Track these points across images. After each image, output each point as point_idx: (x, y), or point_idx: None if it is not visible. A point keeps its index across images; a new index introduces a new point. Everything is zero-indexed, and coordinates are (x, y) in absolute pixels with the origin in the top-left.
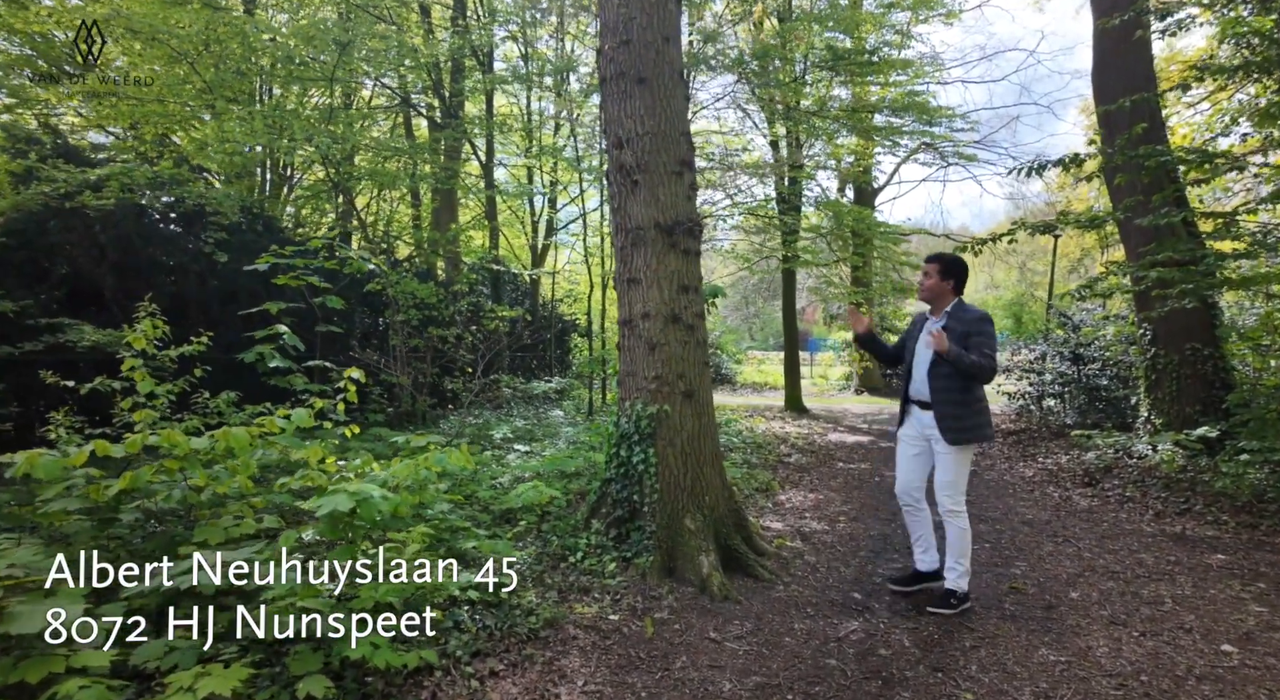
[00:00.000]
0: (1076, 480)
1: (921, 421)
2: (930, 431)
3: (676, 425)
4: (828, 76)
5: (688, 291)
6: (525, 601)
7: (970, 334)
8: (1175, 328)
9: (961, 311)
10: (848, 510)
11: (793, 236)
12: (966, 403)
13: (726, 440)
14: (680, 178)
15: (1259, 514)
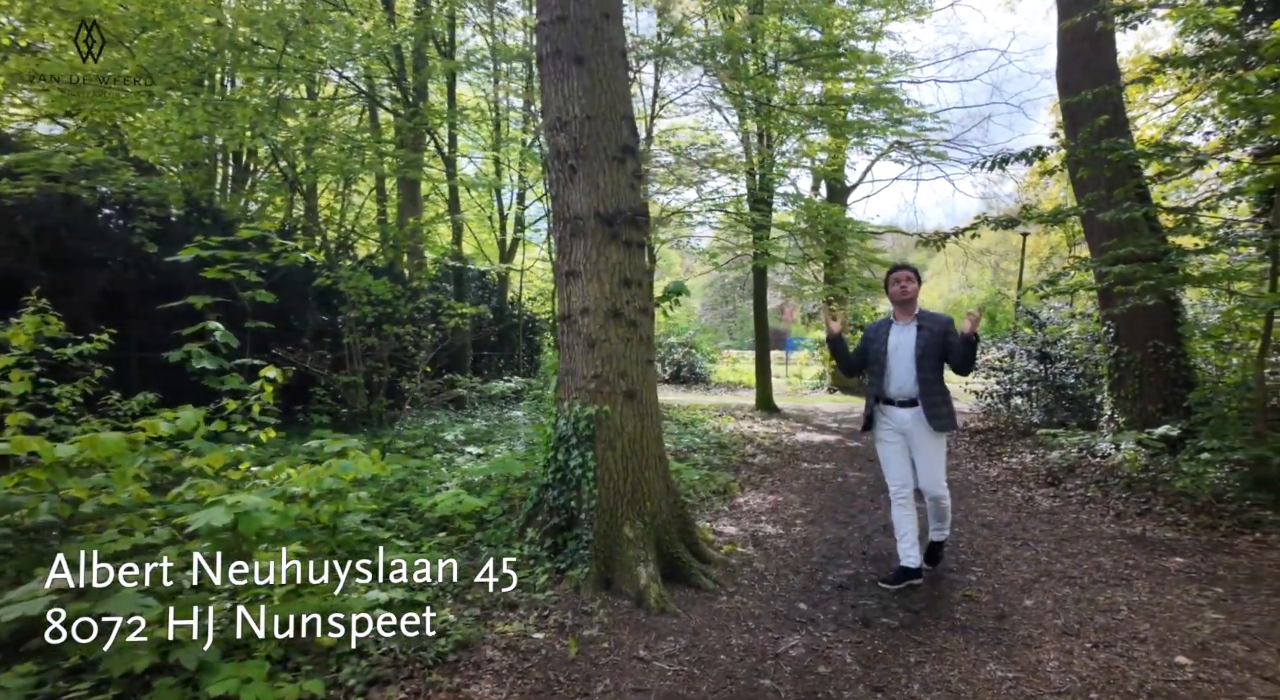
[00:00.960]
0: (1040, 480)
1: (899, 418)
2: (911, 426)
3: (617, 427)
4: (798, 71)
5: (630, 286)
6: (440, 620)
7: (948, 333)
8: (1138, 325)
9: (928, 315)
10: (805, 513)
11: (762, 232)
12: (945, 396)
13: (690, 441)
14: (622, 165)
15: (1218, 514)
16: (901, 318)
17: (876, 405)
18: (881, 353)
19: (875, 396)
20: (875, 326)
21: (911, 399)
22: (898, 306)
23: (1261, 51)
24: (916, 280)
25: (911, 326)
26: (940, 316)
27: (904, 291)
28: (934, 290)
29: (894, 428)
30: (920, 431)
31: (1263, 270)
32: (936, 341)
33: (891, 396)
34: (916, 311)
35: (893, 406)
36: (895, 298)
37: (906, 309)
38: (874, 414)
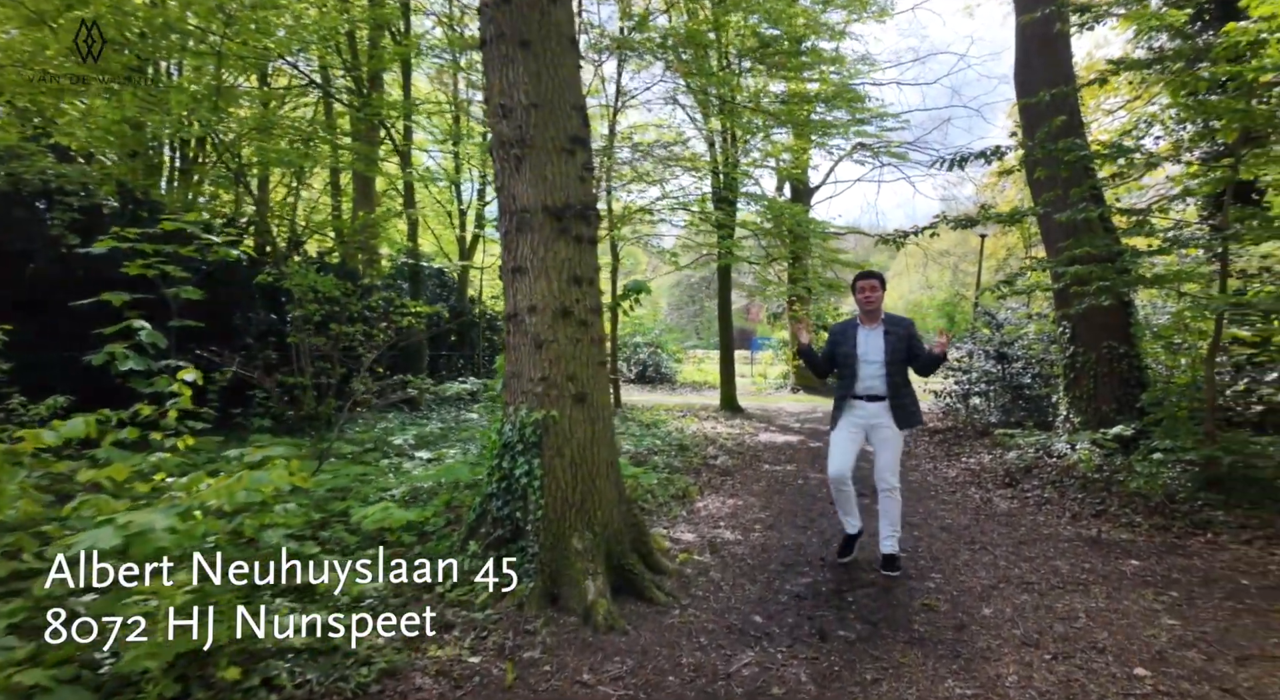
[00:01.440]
0: (998, 480)
1: (867, 412)
2: (877, 420)
3: (566, 433)
4: (761, 69)
5: (581, 283)
6: (365, 646)
7: (912, 336)
8: (1093, 326)
9: (893, 319)
10: (765, 517)
11: (725, 230)
12: (911, 395)
13: (651, 442)
14: (571, 156)
15: (1171, 515)
16: (868, 322)
17: (846, 400)
18: (850, 355)
19: (844, 395)
20: (841, 329)
21: (879, 395)
22: (864, 312)
23: (1212, 54)
24: (881, 287)
25: (879, 330)
26: (904, 320)
27: (869, 300)
28: (895, 291)
29: (859, 422)
30: (884, 426)
31: (1211, 272)
32: (902, 345)
33: (861, 393)
34: (883, 316)
35: (861, 401)
36: (862, 305)
37: (873, 314)
38: (841, 409)
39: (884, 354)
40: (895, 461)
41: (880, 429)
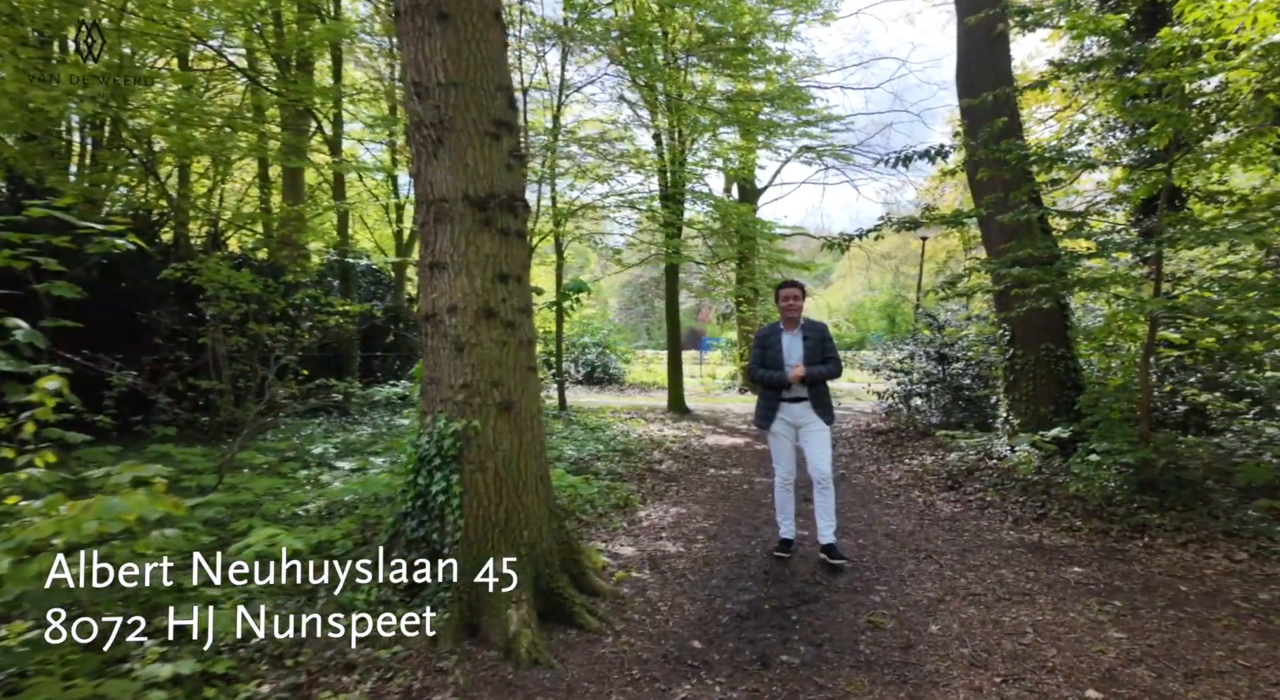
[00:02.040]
0: (940, 483)
1: (793, 413)
2: (803, 419)
3: (489, 445)
4: (708, 67)
5: (507, 281)
6: (242, 698)
7: (825, 340)
8: (1032, 328)
9: (811, 324)
10: (709, 526)
11: (672, 229)
12: (829, 393)
13: (594, 447)
14: (497, 141)
15: (1109, 518)
16: (789, 327)
17: (775, 403)
18: (777, 358)
19: (773, 398)
20: (767, 332)
21: (801, 396)
22: (786, 319)
23: (1148, 58)
24: (803, 296)
25: (798, 334)
26: (818, 325)
27: (792, 308)
28: (839, 293)
29: (788, 422)
30: (811, 423)
31: (1143, 275)
32: (818, 347)
33: (784, 395)
34: (801, 321)
35: (786, 402)
36: (785, 312)
37: (793, 320)
38: (772, 411)
39: (803, 356)
40: (827, 455)
41: (808, 427)
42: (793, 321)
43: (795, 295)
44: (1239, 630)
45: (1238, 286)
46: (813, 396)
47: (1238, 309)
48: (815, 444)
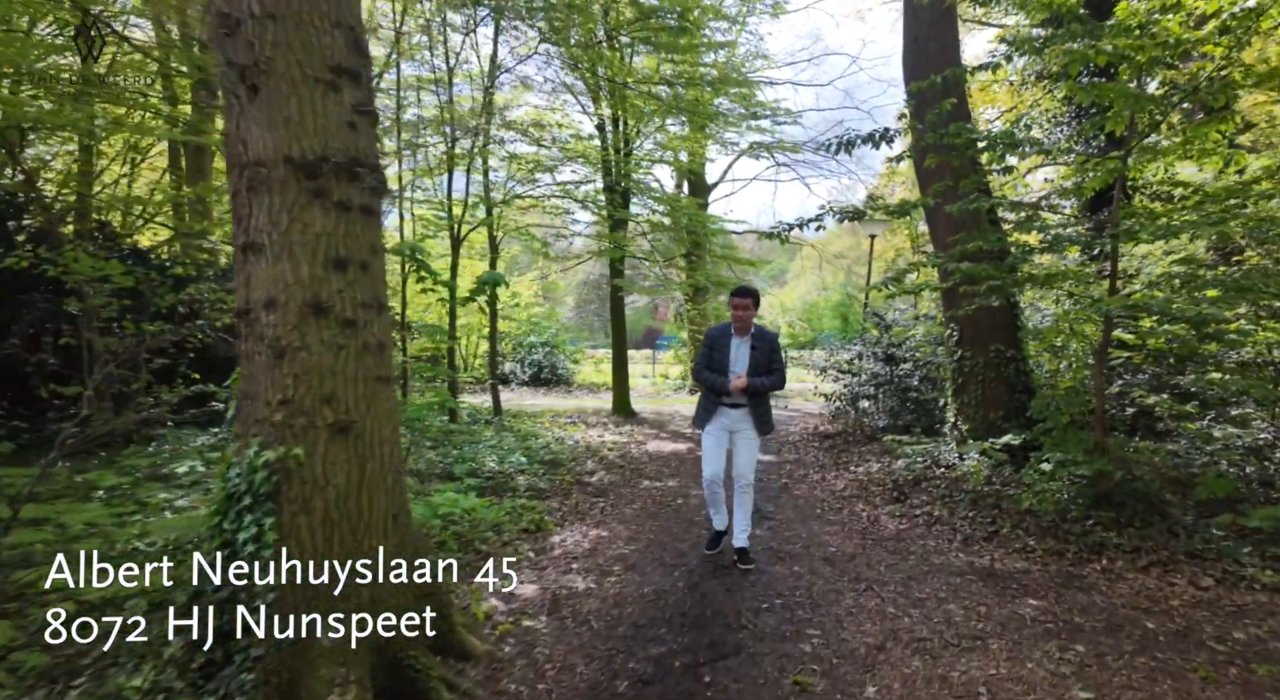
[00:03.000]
0: (886, 495)
1: (731, 418)
2: (738, 426)
3: (317, 478)
4: (646, 50)
5: (346, 267)
6: None
7: (773, 350)
8: (980, 328)
9: (761, 333)
10: (630, 553)
11: (618, 226)
12: (768, 404)
13: (517, 460)
14: (334, 92)
15: (1064, 537)
16: (740, 333)
17: (714, 405)
18: (723, 362)
19: (714, 400)
20: (717, 333)
21: (741, 402)
22: (737, 326)
23: (1105, 36)
24: (755, 305)
25: (747, 342)
26: (769, 335)
27: (743, 318)
28: (794, 292)
29: (725, 426)
30: (745, 431)
31: (1096, 272)
32: (765, 358)
33: (725, 401)
34: (752, 330)
35: (725, 407)
36: (736, 320)
37: (745, 328)
38: (710, 413)
39: (749, 366)
40: (753, 462)
41: (741, 433)
42: (743, 329)
43: (747, 304)
44: (1219, 682)
45: (1197, 283)
46: (752, 406)
47: (1198, 308)
48: (744, 452)
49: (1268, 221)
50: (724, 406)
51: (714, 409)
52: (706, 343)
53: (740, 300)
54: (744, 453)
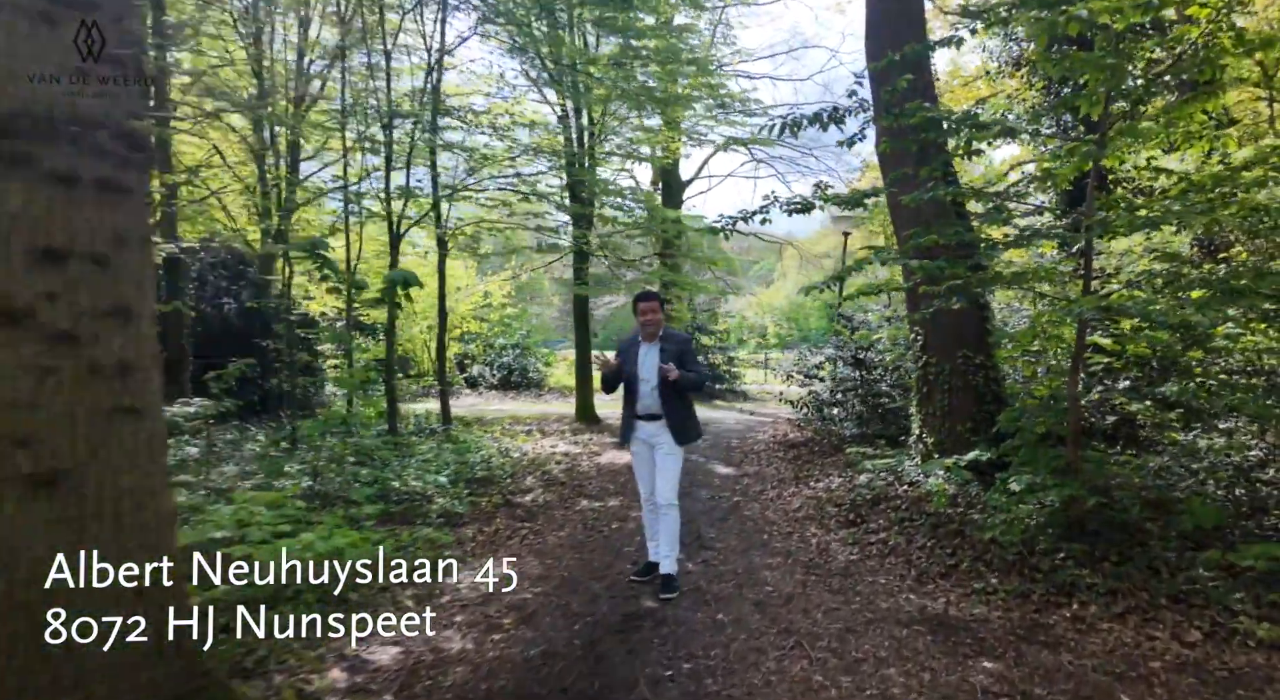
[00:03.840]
0: (842, 517)
1: (648, 432)
2: (656, 439)
3: (3, 549)
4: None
5: (64, 263)
6: None
7: (684, 352)
8: (946, 332)
9: (670, 335)
10: (532, 598)
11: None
12: (689, 411)
13: (438, 479)
14: (49, 27)
15: (1031, 574)
16: (648, 340)
17: (632, 421)
18: (633, 374)
19: (629, 415)
20: (626, 344)
21: (656, 414)
22: (645, 332)
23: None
24: (661, 309)
25: (655, 347)
26: (680, 336)
27: (650, 322)
28: (780, 292)
29: (644, 441)
30: (663, 444)
31: (1074, 268)
32: (676, 359)
33: (639, 412)
34: (660, 333)
35: (640, 421)
36: (643, 326)
37: (652, 334)
38: (629, 428)
39: (657, 373)
40: (675, 479)
41: (659, 447)
42: (651, 335)
43: (653, 309)
44: None
45: (1181, 283)
46: (668, 414)
47: (1182, 312)
48: (664, 468)
49: (1258, 212)
50: (640, 420)
51: (631, 424)
52: (618, 355)
53: (647, 304)
54: (663, 468)
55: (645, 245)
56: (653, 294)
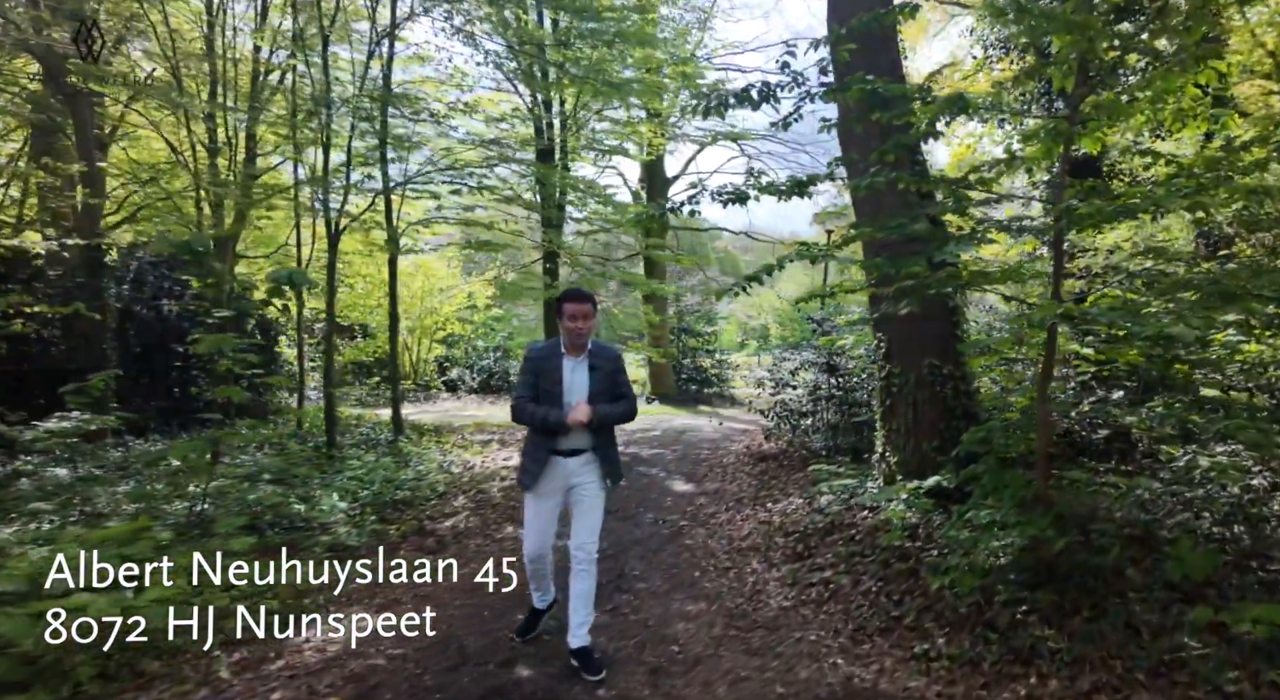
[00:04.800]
0: (790, 546)
1: (568, 470)
2: (579, 479)
3: None
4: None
5: None
6: None
7: (617, 372)
8: (910, 338)
9: (600, 349)
10: (388, 661)
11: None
12: (615, 444)
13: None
14: None
15: (984, 634)
16: (574, 353)
17: (543, 456)
18: (556, 394)
19: (541, 447)
20: (543, 354)
21: (581, 447)
22: (571, 343)
23: None
24: (595, 313)
25: (584, 363)
26: (610, 352)
27: (578, 331)
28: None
29: (561, 482)
30: (588, 484)
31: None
32: (608, 382)
33: (560, 446)
34: (589, 347)
35: (561, 457)
36: (569, 334)
37: (580, 346)
38: (540, 465)
39: (589, 394)
40: (598, 526)
41: (582, 488)
42: (579, 347)
43: (584, 313)
44: None
45: (1165, 285)
46: (597, 447)
47: (1161, 322)
48: (588, 514)
49: (1258, 194)
50: (559, 456)
51: (544, 461)
52: (528, 367)
53: (576, 306)
54: (588, 514)
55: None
56: (583, 293)
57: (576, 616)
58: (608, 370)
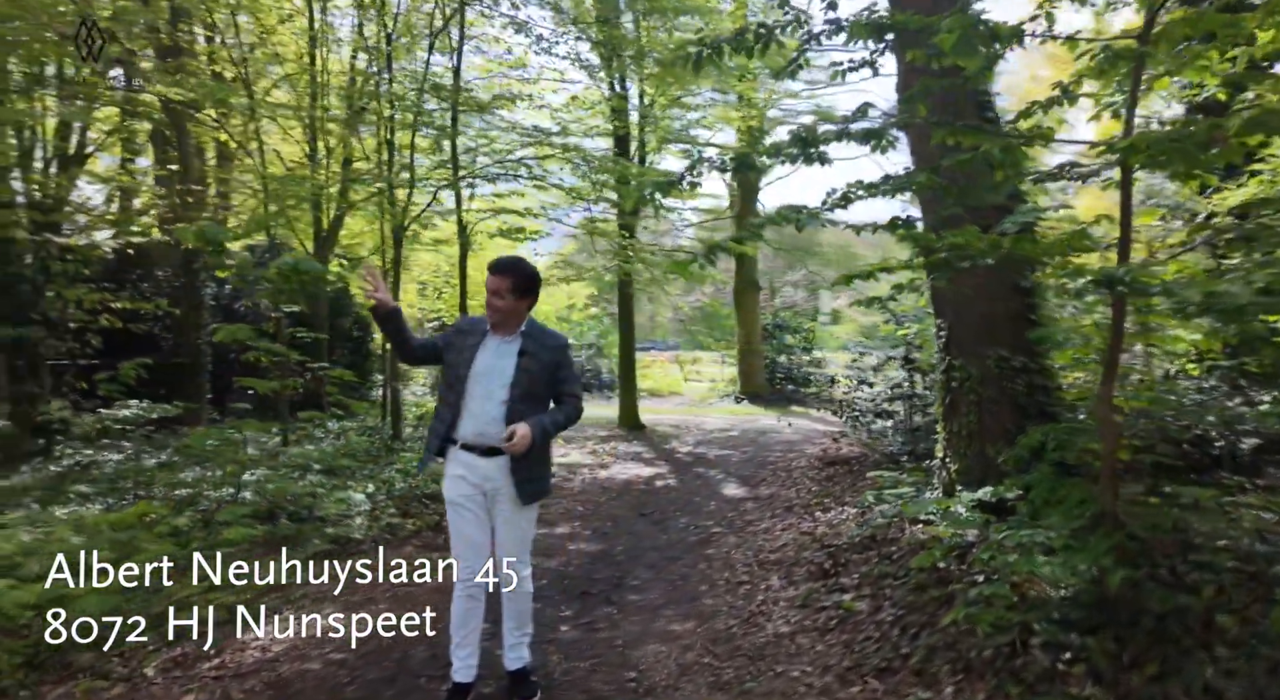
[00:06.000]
0: (816, 566)
1: (482, 472)
2: (491, 485)
3: None
4: None
5: None
6: None
7: (560, 364)
8: (973, 325)
9: (540, 334)
10: (320, 669)
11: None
12: (546, 455)
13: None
14: None
15: (1005, 685)
16: (500, 330)
17: (443, 447)
18: (462, 374)
19: (443, 436)
20: (463, 327)
21: (496, 448)
22: (491, 318)
23: None
24: (516, 290)
25: (513, 345)
26: (555, 338)
27: (496, 308)
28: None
29: (474, 485)
30: (503, 496)
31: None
32: (543, 375)
33: (469, 440)
34: (522, 327)
35: (471, 454)
36: (489, 311)
37: (500, 324)
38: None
39: (510, 379)
40: (525, 542)
41: (497, 500)
42: (500, 325)
43: (499, 288)
44: None
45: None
46: (517, 457)
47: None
48: (506, 526)
49: None
50: (467, 451)
51: (445, 450)
52: (446, 338)
53: (495, 279)
54: (506, 528)
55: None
56: (502, 264)
57: (509, 637)
58: (544, 360)
